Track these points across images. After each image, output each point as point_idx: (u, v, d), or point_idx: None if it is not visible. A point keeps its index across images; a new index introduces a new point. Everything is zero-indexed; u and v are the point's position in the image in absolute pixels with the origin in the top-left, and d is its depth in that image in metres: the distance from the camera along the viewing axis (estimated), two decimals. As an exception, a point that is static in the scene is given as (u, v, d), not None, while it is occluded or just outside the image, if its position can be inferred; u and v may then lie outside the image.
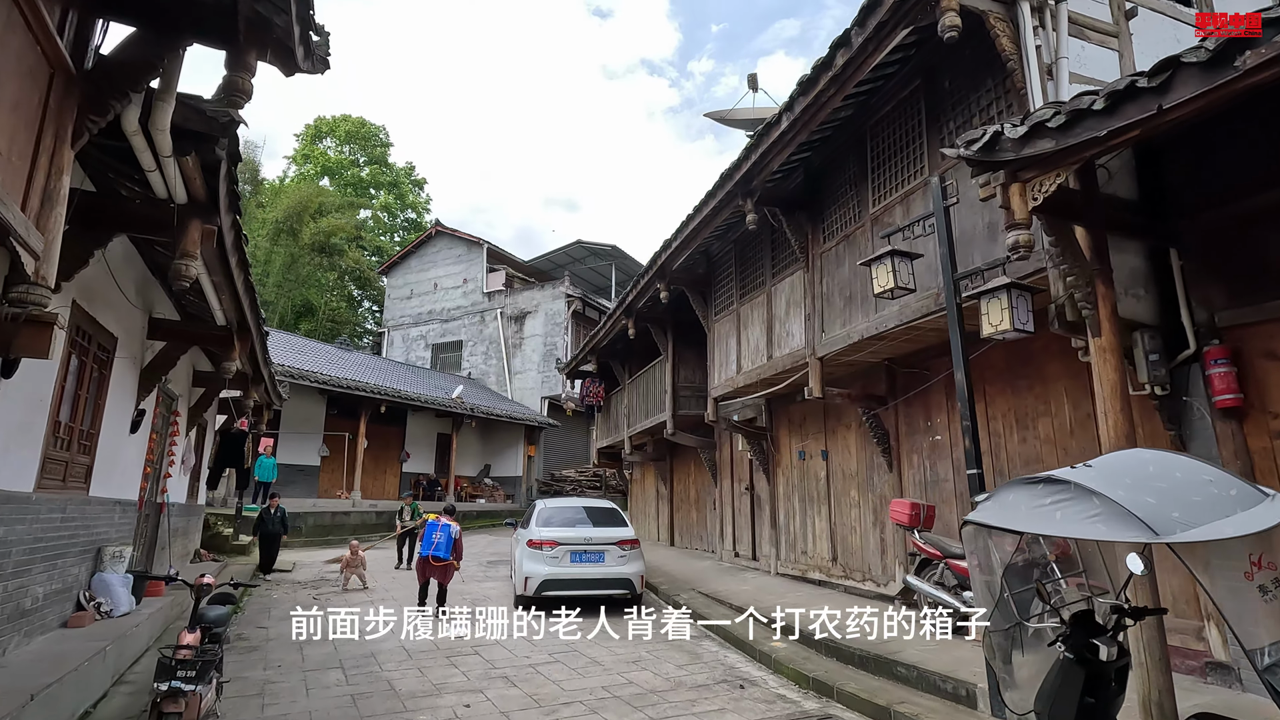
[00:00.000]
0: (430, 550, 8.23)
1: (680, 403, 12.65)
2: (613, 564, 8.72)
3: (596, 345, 15.22)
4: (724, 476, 12.46)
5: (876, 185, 6.88)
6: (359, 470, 18.72)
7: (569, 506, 9.82)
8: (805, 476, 9.61)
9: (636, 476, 18.20)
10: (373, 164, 49.40)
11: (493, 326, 28.44)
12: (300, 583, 10.81)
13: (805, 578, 9.36)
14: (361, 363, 22.63)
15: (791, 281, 8.35)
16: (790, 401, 10.06)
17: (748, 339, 9.43)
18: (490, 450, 25.84)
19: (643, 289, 11.36)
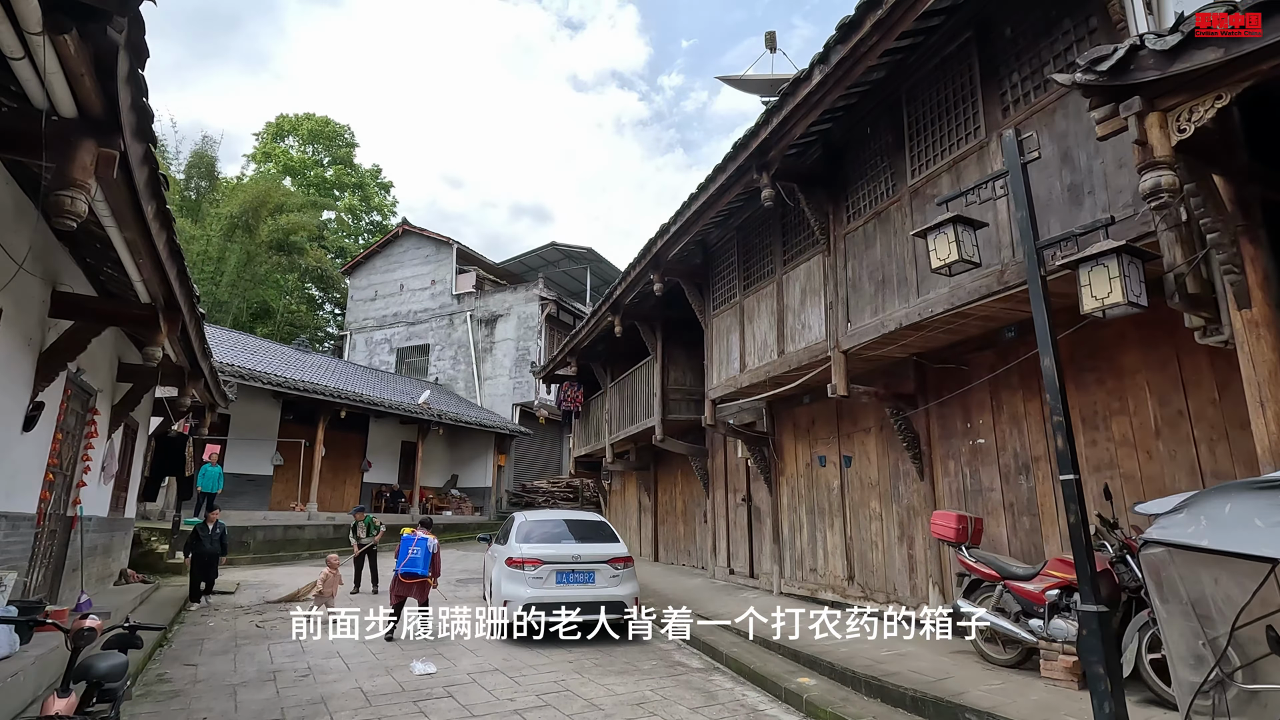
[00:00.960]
0: (404, 566, 7.58)
1: (670, 407, 11.71)
2: (604, 584, 7.71)
3: (576, 346, 14.22)
4: (717, 486, 11.53)
5: (916, 154, 6.07)
6: (316, 480, 17.33)
7: (552, 519, 8.78)
8: (815, 486, 8.74)
9: (616, 487, 17.17)
10: (337, 164, 47.79)
11: (462, 330, 27.18)
12: (243, 607, 9.51)
13: (815, 598, 8.46)
14: (321, 365, 21.20)
15: (808, 268, 7.51)
16: (796, 404, 9.21)
17: (753, 334, 8.55)
18: (458, 460, 24.53)
19: (633, 281, 10.42)
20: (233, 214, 27.98)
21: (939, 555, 6.61)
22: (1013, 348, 6.04)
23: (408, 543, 7.85)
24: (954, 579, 6.38)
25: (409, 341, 28.48)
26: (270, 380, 15.62)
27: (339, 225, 44.46)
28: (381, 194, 50.72)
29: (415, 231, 29.43)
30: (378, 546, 10.93)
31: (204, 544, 9.29)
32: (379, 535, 10.78)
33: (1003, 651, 5.27)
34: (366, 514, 10.95)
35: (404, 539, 7.92)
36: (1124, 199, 4.18)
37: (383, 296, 29.66)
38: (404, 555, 7.73)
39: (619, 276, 10.87)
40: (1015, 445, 5.92)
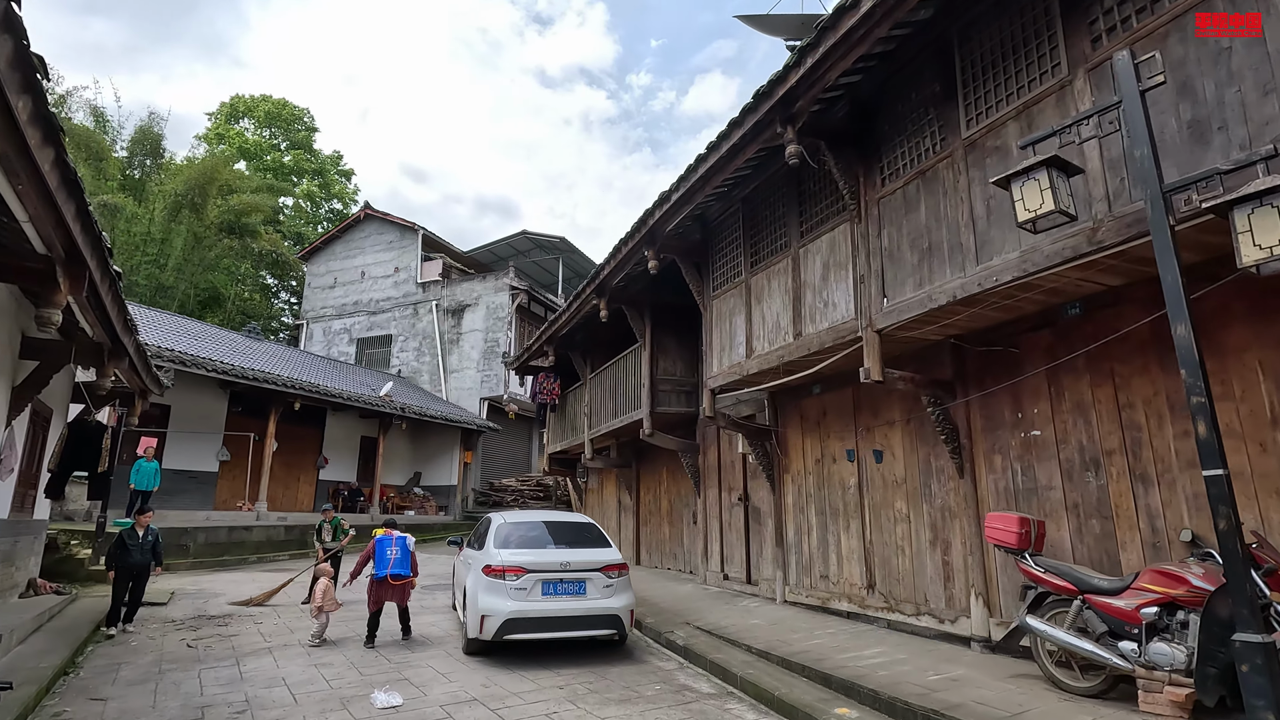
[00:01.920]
0: (389, 569, 7.15)
1: (659, 398, 10.81)
2: (596, 596, 6.77)
3: (555, 334, 13.21)
4: (710, 485, 10.67)
5: (973, 102, 5.27)
6: (266, 477, 15.96)
7: (534, 521, 7.80)
8: (827, 484, 7.93)
9: (593, 486, 16.21)
10: (296, 149, 45.80)
11: (427, 320, 25.86)
12: (174, 622, 8.30)
13: (827, 608, 7.65)
14: (273, 354, 19.73)
15: (831, 239, 6.68)
16: (804, 394, 8.39)
17: (763, 315, 7.70)
18: (421, 456, 23.26)
19: (624, 259, 9.48)
20: (177, 191, 26.08)
21: (983, 562, 5.84)
22: (1076, 327, 5.30)
23: (384, 544, 7.29)
24: (999, 588, 5.61)
25: (370, 332, 27.02)
26: (216, 368, 14.23)
27: (297, 212, 42.51)
28: (342, 181, 48.83)
29: (378, 216, 27.96)
30: (343, 552, 9.70)
31: (131, 554, 7.48)
32: (347, 539, 9.60)
33: (1080, 678, 4.50)
34: (335, 515, 9.76)
35: (379, 540, 7.34)
36: (1275, 130, 3.41)
37: (343, 284, 28.11)
38: (383, 558, 7.21)
39: (607, 254, 9.92)
40: (1081, 437, 5.17)
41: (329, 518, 9.57)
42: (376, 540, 7.40)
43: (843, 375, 7.55)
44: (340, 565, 9.57)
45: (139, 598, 7.76)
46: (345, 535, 9.47)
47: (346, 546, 9.66)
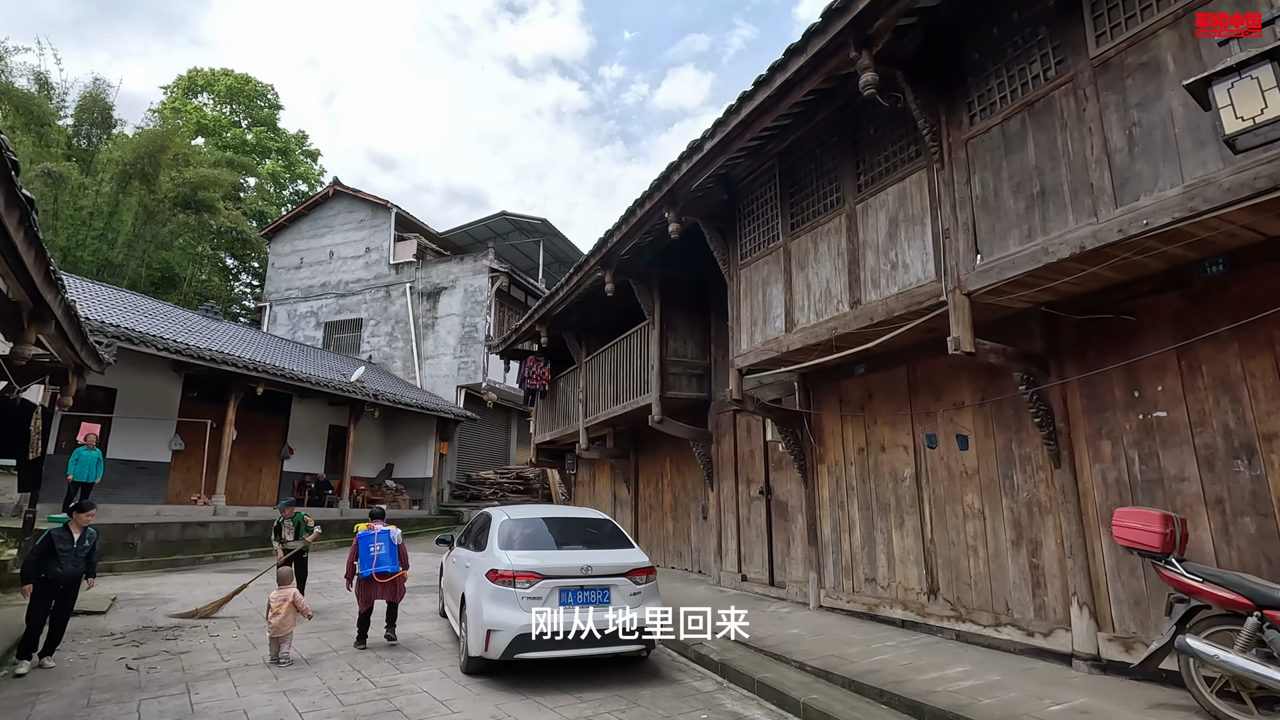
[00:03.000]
0: (374, 568, 6.58)
1: (669, 382, 9.82)
2: (622, 605, 5.77)
3: (549, 312, 12.11)
4: (725, 476, 9.73)
5: (1106, 13, 4.36)
6: (224, 469, 14.58)
7: (542, 517, 6.76)
8: (874, 476, 7.04)
9: (583, 478, 15.16)
10: (258, 126, 43.60)
11: (400, 304, 24.45)
12: (113, 635, 7.06)
13: (875, 615, 6.77)
14: (234, 335, 18.23)
15: (901, 191, 5.75)
16: (844, 375, 7.49)
17: (807, 282, 6.75)
18: (394, 447, 21.93)
19: (639, 222, 8.45)
20: (125, 159, 24.13)
21: (1087, 566, 4.98)
22: (1218, 287, 4.45)
23: (367, 540, 6.69)
24: (1110, 596, 4.75)
25: (339, 315, 25.49)
26: (168, 347, 12.80)
27: (259, 193, 40.41)
28: (308, 162, 46.73)
29: (348, 193, 26.38)
30: (309, 552, 8.49)
31: (60, 561, 5.80)
32: (312, 537, 8.37)
33: (1254, 712, 3.65)
34: (297, 511, 8.49)
35: (361, 536, 6.74)
36: None
37: (309, 264, 26.49)
38: (366, 555, 6.63)
39: (618, 219, 8.87)
40: (1227, 419, 4.33)
41: (289, 514, 8.32)
42: (359, 536, 6.75)
43: (896, 353, 6.66)
44: (307, 569, 8.34)
45: (64, 620, 6.03)
46: (310, 533, 8.26)
47: (312, 545, 8.44)
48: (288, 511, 8.28)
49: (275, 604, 6.22)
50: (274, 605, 6.21)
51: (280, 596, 6.26)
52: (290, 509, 8.28)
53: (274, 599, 6.27)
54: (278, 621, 6.12)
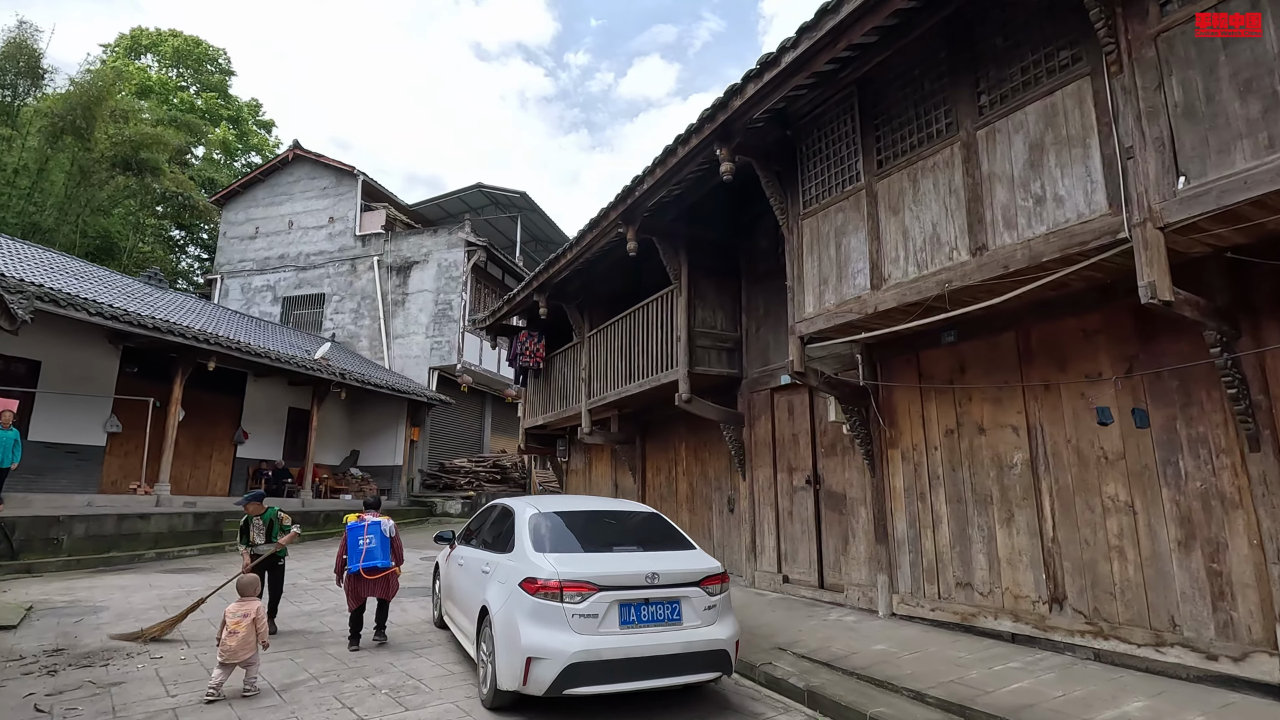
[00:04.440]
0: (361, 562, 6.06)
1: (697, 356, 8.61)
2: (696, 622, 4.56)
3: (551, 279, 10.75)
4: (760, 464, 8.58)
5: None
6: (169, 454, 12.85)
7: (578, 510, 5.50)
8: (969, 462, 5.96)
9: (577, 466, 13.86)
10: (208, 92, 40.74)
11: (367, 278, 22.65)
12: (22, 660, 5.54)
13: (972, 626, 5.70)
14: (180, 304, 16.32)
15: (1048, 107, 4.62)
16: (925, 345, 6.39)
17: (903, 229, 5.60)
18: (360, 432, 20.25)
19: (678, 164, 7.17)
20: (56, 110, 21.65)
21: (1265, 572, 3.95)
22: None
23: (356, 532, 6.14)
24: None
25: (299, 290, 23.52)
26: (102, 312, 11.03)
27: (208, 164, 37.66)
28: (261, 133, 44.03)
29: (310, 158, 24.35)
30: (285, 557, 6.82)
31: None
32: (289, 538, 6.67)
33: None
34: (269, 506, 6.71)
35: (350, 528, 6.19)
36: None
37: (266, 234, 24.41)
38: (355, 549, 6.08)
39: (649, 164, 7.57)
40: None
41: (258, 510, 6.52)
42: (348, 529, 6.18)
43: (1001, 317, 5.58)
44: (283, 579, 6.79)
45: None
46: (286, 533, 6.69)
47: (289, 546, 6.92)
48: (255, 507, 6.51)
49: (232, 620, 4.82)
50: (230, 622, 4.81)
51: (240, 611, 4.86)
52: (259, 503, 6.56)
53: (231, 614, 4.87)
54: (235, 643, 4.72)
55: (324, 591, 8.95)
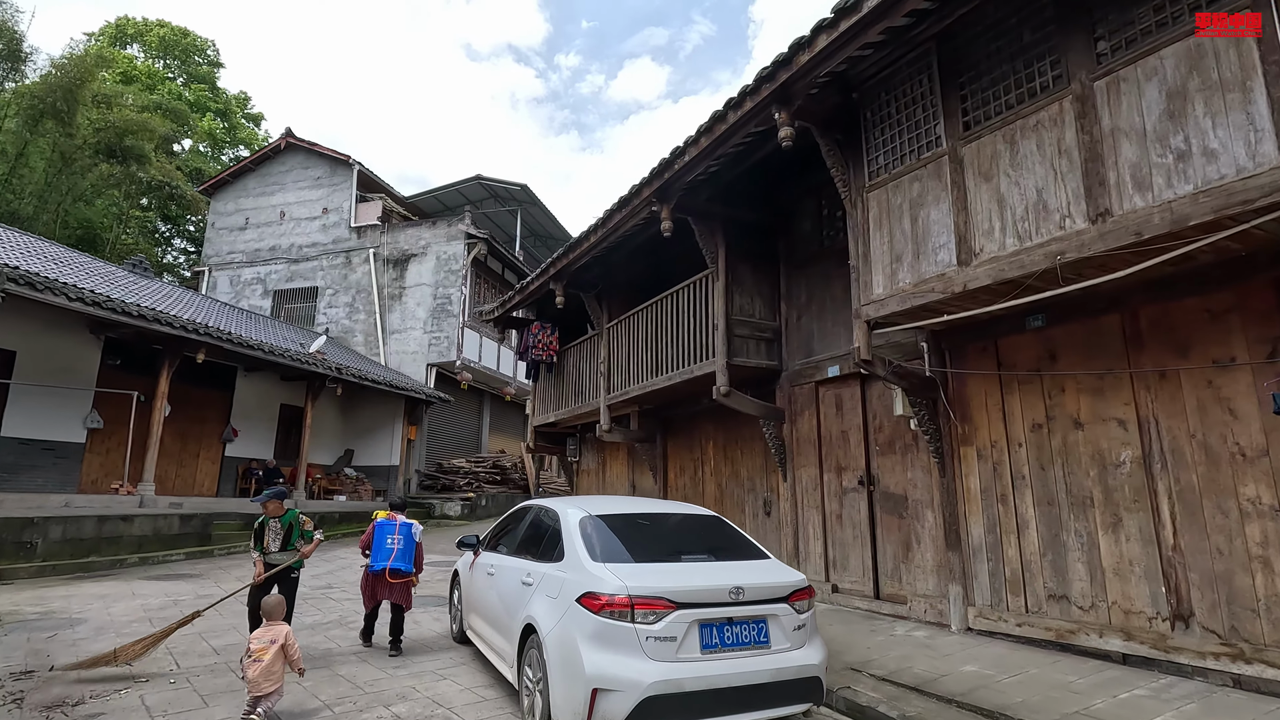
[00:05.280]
0: (388, 561, 5.85)
1: (735, 346, 7.95)
2: (785, 645, 3.90)
3: (569, 265, 10.05)
4: (803, 463, 7.93)
5: None
6: (154, 451, 12.03)
7: (634, 514, 4.82)
8: (1063, 459, 5.34)
9: (590, 466, 13.16)
10: (197, 84, 39.75)
11: (362, 271, 21.84)
12: (-16, 688, 4.77)
13: (1070, 644, 5.08)
14: (167, 294, 15.47)
15: (1189, 49, 3.99)
16: (1005, 330, 5.77)
17: (1000, 196, 4.97)
18: (355, 430, 19.45)
19: (729, 131, 6.49)
20: (35, 92, 20.67)
21: None
22: None
23: (385, 530, 5.97)
24: None
25: (290, 283, 22.65)
26: (83, 298, 10.21)
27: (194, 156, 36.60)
28: (250, 126, 43.05)
29: (303, 146, 23.49)
30: (300, 568, 5.82)
31: None
32: (312, 547, 5.76)
33: None
34: (290, 508, 5.82)
35: (379, 525, 6.03)
36: None
37: (256, 225, 23.52)
38: (382, 547, 5.91)
39: (695, 131, 6.90)
40: None
41: (278, 510, 5.63)
42: (376, 525, 6.03)
43: (1101, 297, 4.97)
44: (296, 592, 5.82)
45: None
46: (309, 540, 5.72)
47: (311, 556, 6.09)
48: (275, 506, 5.63)
49: (257, 646, 4.11)
50: (255, 648, 4.10)
51: (266, 636, 4.15)
52: (278, 503, 5.69)
53: (256, 639, 4.16)
54: (258, 673, 4.00)
55: (325, 601, 8.20)
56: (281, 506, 5.69)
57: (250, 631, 4.87)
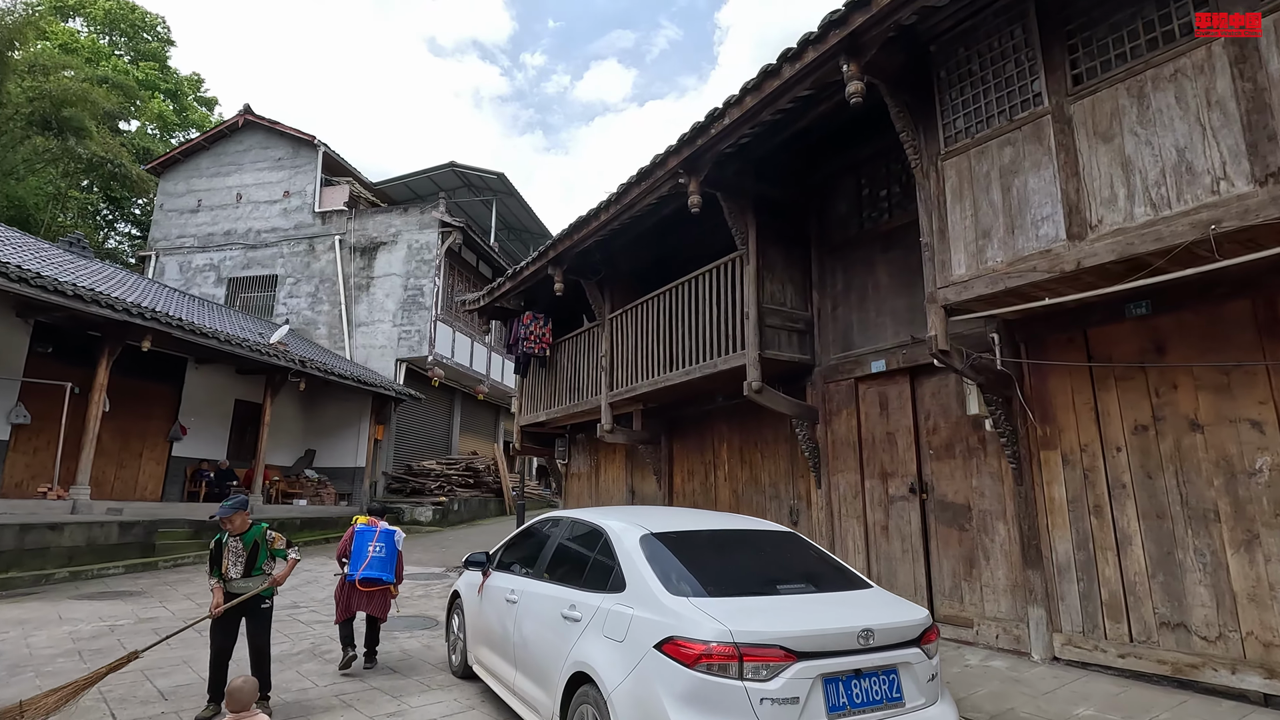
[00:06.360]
0: (361, 570, 5.37)
1: (766, 337, 7.14)
2: (919, 702, 3.06)
3: (572, 248, 9.09)
4: (839, 468, 7.16)
5: None
6: (90, 450, 10.66)
7: (702, 531, 3.94)
8: (1177, 466, 4.66)
9: (580, 469, 12.20)
10: (146, 61, 37.41)
11: (327, 259, 20.43)
12: None
13: (1194, 681, 4.39)
14: (108, 276, 13.95)
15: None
16: (1098, 319, 5.09)
17: (1125, 159, 4.25)
18: (317, 430, 18.07)
19: (780, 89, 5.66)
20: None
21: None
22: None
23: (365, 537, 5.57)
24: None
25: (247, 270, 21.09)
26: (9, 273, 8.86)
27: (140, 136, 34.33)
28: (203, 110, 40.73)
29: (263, 124, 21.93)
30: (272, 596, 4.64)
31: None
32: (288, 569, 4.59)
33: None
34: (257, 523, 4.63)
35: (359, 531, 5.61)
36: None
37: (210, 208, 21.87)
38: (361, 553, 5.50)
39: (739, 90, 6.06)
40: None
41: (238, 526, 4.49)
42: (356, 531, 5.63)
43: (1228, 280, 4.31)
44: (270, 626, 4.62)
45: None
46: (283, 559, 4.58)
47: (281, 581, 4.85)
48: (237, 520, 4.48)
49: None
50: None
51: None
52: (240, 516, 4.51)
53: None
54: None
55: (293, 624, 7.11)
56: (245, 520, 4.56)
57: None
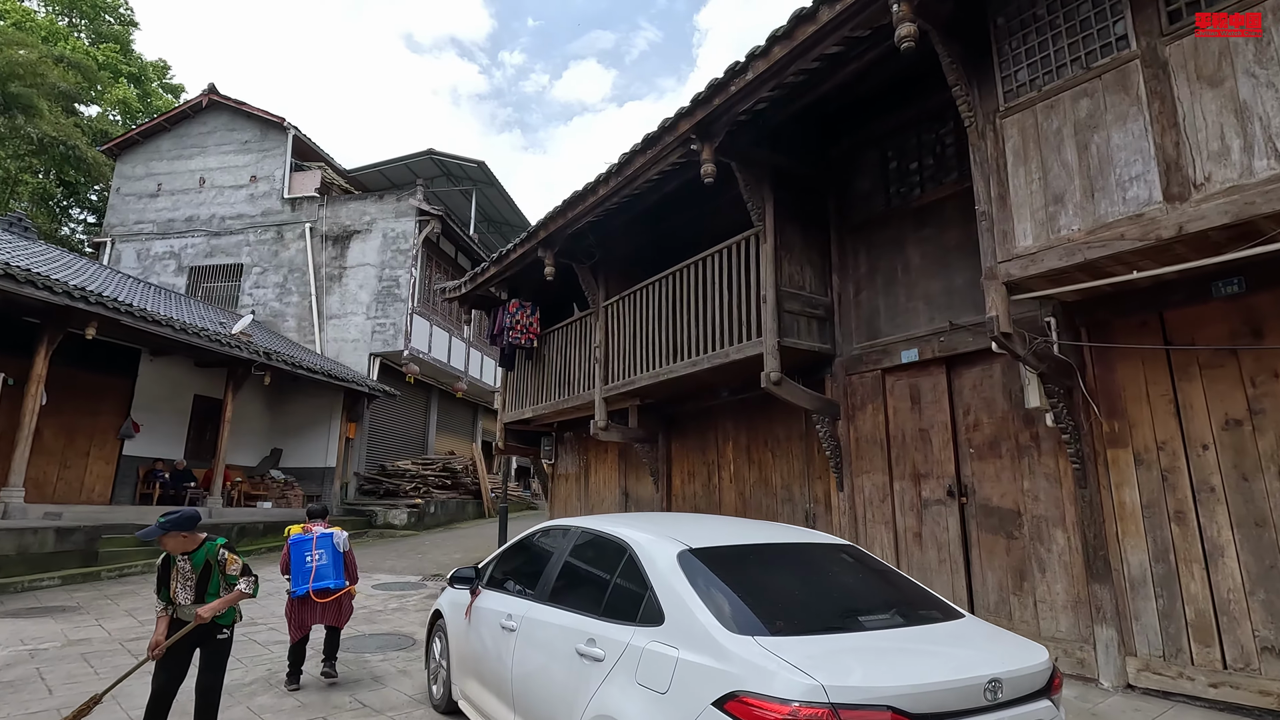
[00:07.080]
0: (310, 583, 4.98)
1: (785, 324, 6.45)
2: (1051, 772, 2.34)
3: (563, 228, 8.31)
4: (864, 468, 6.49)
5: None
6: (26, 447, 9.62)
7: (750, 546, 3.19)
8: (1278, 466, 4.04)
9: (568, 470, 11.41)
10: (107, 44, 35.76)
11: (296, 248, 19.37)
12: None
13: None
14: (54, 259, 12.83)
15: None
16: (1175, 299, 4.48)
17: (1235, 106, 3.63)
18: (284, 427, 17.04)
19: (814, 37, 4.97)
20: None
21: None
22: None
23: (302, 548, 5.06)
24: None
25: (211, 259, 19.92)
26: (-75, 246, 7.82)
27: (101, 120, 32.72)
28: (168, 97, 39.09)
29: (229, 105, 20.77)
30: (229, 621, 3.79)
31: None
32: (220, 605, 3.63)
33: None
34: (209, 540, 3.72)
35: (294, 542, 5.11)
36: None
37: (171, 192, 20.65)
38: (300, 566, 5.02)
39: (767, 39, 5.35)
40: None
41: (175, 547, 3.63)
42: (290, 543, 5.17)
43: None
44: (225, 660, 3.77)
45: None
46: (231, 586, 3.67)
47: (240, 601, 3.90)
48: (179, 539, 3.60)
49: None
50: None
51: None
52: (189, 532, 3.64)
53: None
54: None
55: (248, 646, 6.23)
56: (192, 537, 3.67)
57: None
